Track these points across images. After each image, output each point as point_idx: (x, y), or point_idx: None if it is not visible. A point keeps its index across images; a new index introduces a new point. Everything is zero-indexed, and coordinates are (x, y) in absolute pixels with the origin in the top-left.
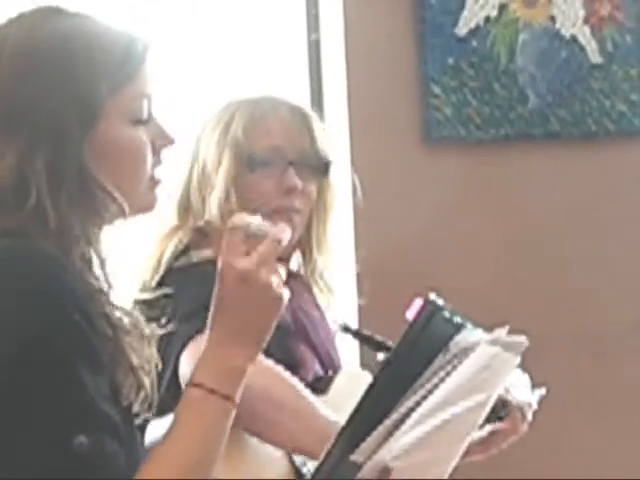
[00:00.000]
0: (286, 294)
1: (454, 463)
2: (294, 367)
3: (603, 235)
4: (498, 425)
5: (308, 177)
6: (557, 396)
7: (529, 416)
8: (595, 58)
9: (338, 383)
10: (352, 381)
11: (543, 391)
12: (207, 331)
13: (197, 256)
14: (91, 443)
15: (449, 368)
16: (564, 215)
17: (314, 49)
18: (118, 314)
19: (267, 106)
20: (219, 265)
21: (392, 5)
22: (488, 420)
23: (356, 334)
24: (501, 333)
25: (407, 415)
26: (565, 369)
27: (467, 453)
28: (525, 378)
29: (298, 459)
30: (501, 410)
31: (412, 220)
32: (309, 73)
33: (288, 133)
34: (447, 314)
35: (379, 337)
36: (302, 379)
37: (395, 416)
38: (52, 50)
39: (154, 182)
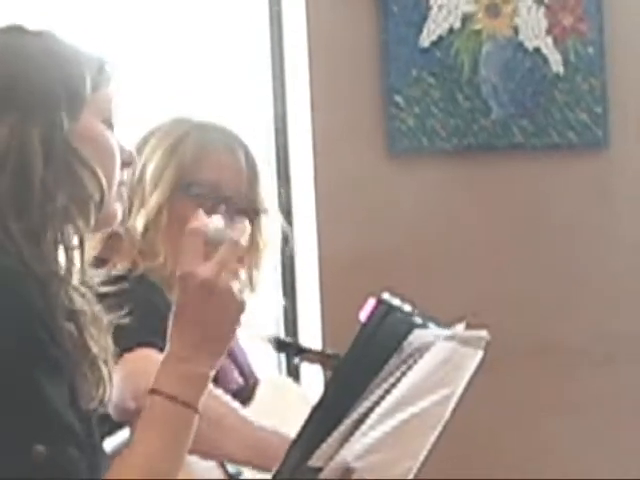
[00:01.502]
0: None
1: (421, 459)
2: (215, 378)
3: (567, 246)
4: None
5: (237, 217)
6: (523, 406)
7: None
8: (558, 69)
9: (262, 392)
10: (275, 389)
11: None
12: (168, 341)
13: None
14: (49, 452)
15: (404, 368)
16: (527, 226)
17: (277, 61)
18: (79, 301)
19: (220, 137)
20: (179, 274)
21: (355, 16)
22: None
23: (279, 344)
24: (458, 329)
25: (365, 417)
26: (531, 380)
27: None
28: None
29: (231, 468)
30: None
31: (376, 231)
32: (272, 85)
33: (234, 172)
34: (401, 314)
35: (302, 343)
36: (224, 389)
37: (352, 419)
38: (40, 45)
39: (119, 196)
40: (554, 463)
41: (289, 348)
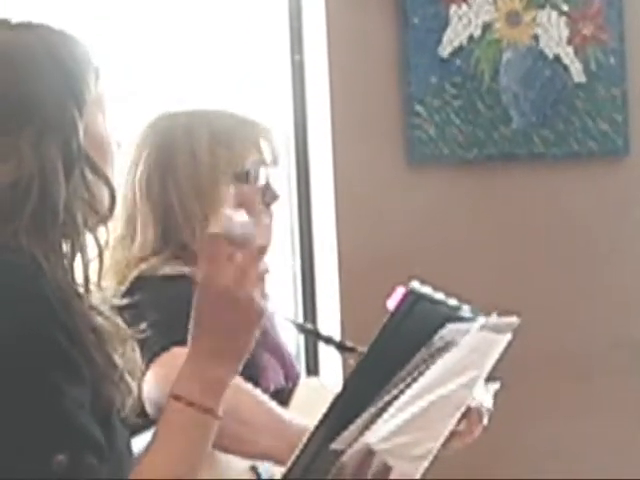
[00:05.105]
0: (267, 305)
1: (442, 440)
2: (254, 376)
3: (586, 255)
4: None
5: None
6: (540, 414)
7: (486, 420)
8: (579, 78)
9: (298, 396)
10: (312, 393)
11: (497, 385)
12: (188, 345)
13: (172, 269)
14: (70, 461)
15: (432, 360)
16: (546, 234)
17: (297, 70)
18: (99, 318)
19: (254, 123)
20: (199, 278)
21: (375, 25)
22: None
23: (309, 331)
24: (491, 319)
25: (388, 405)
26: (548, 388)
27: None
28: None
29: (263, 470)
30: None
31: (395, 239)
32: (292, 94)
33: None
34: (431, 303)
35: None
36: (263, 388)
37: (376, 407)
38: (39, 44)
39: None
40: (571, 471)
41: (310, 334)
